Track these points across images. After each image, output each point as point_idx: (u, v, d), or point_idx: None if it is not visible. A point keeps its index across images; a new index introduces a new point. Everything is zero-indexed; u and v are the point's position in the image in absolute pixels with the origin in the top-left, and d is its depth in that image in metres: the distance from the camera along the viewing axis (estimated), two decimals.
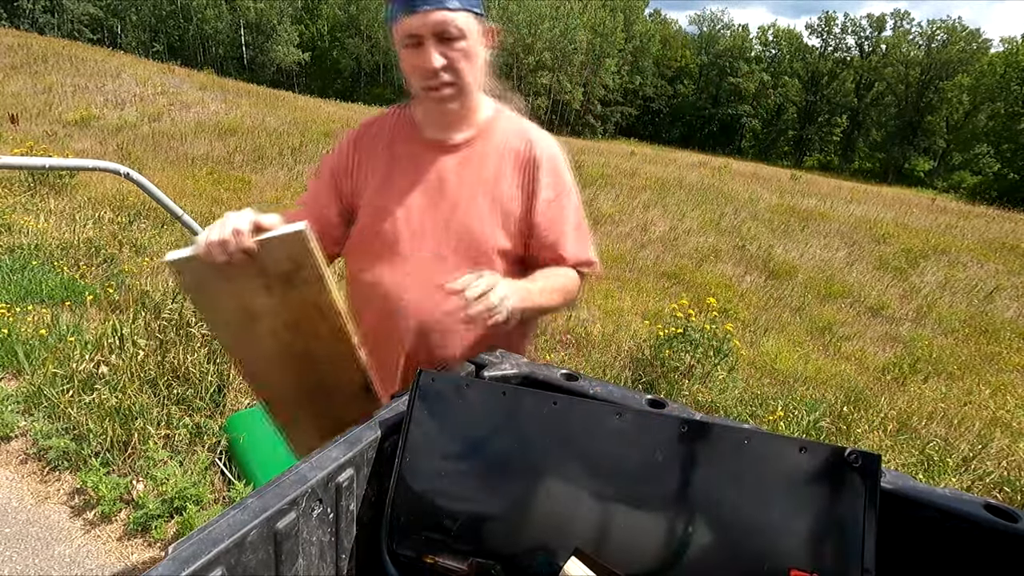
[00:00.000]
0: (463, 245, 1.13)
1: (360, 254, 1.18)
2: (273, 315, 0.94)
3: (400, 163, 1.17)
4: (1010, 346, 6.57)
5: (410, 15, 0.99)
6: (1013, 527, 0.69)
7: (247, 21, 51.51)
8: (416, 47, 1.01)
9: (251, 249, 0.88)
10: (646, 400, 0.93)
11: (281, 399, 1.07)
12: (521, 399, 0.82)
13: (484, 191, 1.14)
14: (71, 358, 2.87)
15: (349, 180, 1.20)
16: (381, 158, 1.18)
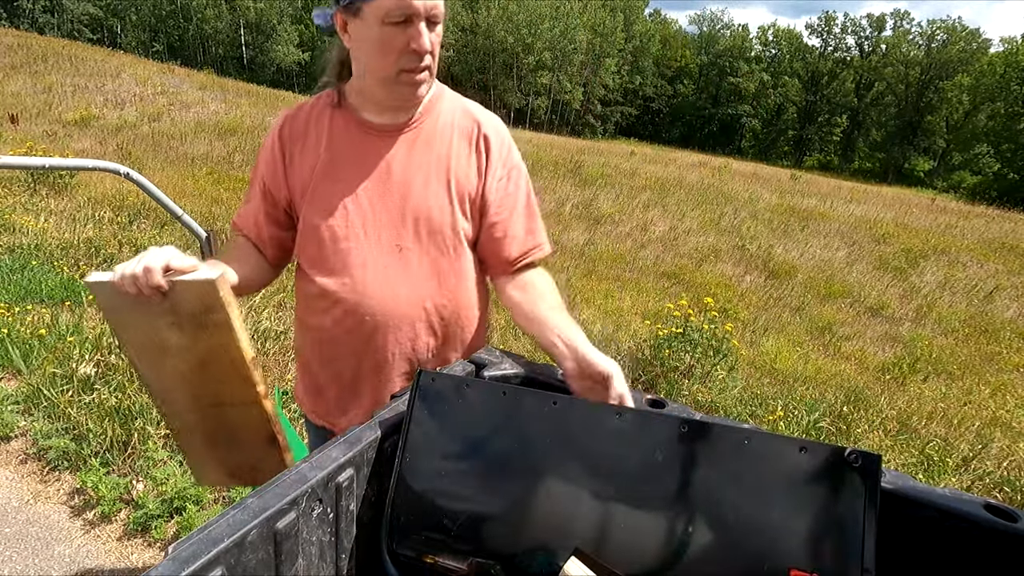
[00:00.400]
0: (424, 232, 1.08)
1: (311, 257, 1.11)
2: (183, 353, 0.94)
3: (341, 154, 1.09)
4: (1010, 346, 6.57)
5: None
6: (1013, 527, 0.69)
7: (247, 21, 51.51)
8: (404, 25, 0.95)
9: (161, 287, 0.87)
10: (646, 400, 0.93)
11: (188, 432, 1.05)
12: (521, 399, 0.82)
13: (437, 171, 1.08)
14: (71, 358, 2.87)
15: (284, 186, 1.12)
16: (316, 152, 1.09)
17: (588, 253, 7.60)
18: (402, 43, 0.97)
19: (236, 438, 1.02)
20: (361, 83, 1.07)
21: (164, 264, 0.87)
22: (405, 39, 0.96)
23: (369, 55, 1.00)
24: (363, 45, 1.00)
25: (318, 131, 1.10)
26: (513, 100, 50.71)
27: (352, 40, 1.02)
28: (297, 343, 1.26)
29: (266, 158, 1.14)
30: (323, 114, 1.11)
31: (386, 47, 0.97)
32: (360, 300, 1.07)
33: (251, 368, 0.94)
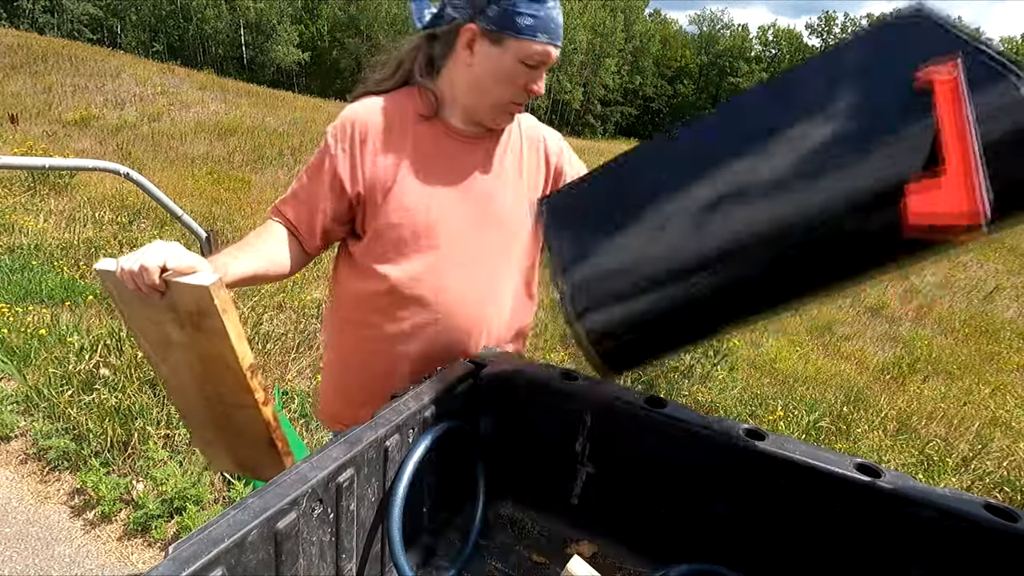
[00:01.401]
0: (501, 237, 1.14)
1: (382, 254, 1.11)
2: (185, 348, 0.94)
3: (426, 155, 1.10)
4: (1010, 346, 6.57)
5: (547, 44, 1.00)
6: (1013, 527, 0.69)
7: (247, 21, 51.50)
8: (532, 69, 1.02)
9: (157, 287, 0.87)
10: (646, 400, 0.93)
11: (195, 420, 1.06)
12: None
13: (515, 180, 1.15)
14: (70, 358, 2.87)
15: (359, 181, 1.08)
16: (400, 151, 1.09)
17: None
18: (524, 82, 1.03)
19: (240, 434, 1.03)
20: (459, 94, 1.08)
21: (161, 264, 0.86)
22: (527, 79, 1.03)
23: (489, 81, 1.03)
24: (486, 69, 1.03)
25: (401, 129, 1.09)
26: None
27: (473, 58, 1.03)
28: (335, 343, 1.24)
29: (341, 150, 1.09)
30: (406, 112, 1.10)
31: (510, 81, 1.02)
32: (435, 299, 1.09)
33: (248, 375, 0.93)
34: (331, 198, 1.10)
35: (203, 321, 0.89)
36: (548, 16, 0.98)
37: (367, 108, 1.11)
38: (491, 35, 0.99)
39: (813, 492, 0.80)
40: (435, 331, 1.11)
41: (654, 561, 0.94)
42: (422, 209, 1.08)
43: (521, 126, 1.19)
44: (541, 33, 0.98)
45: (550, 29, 0.99)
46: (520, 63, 1.00)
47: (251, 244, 1.08)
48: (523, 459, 1.04)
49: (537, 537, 1.02)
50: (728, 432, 0.85)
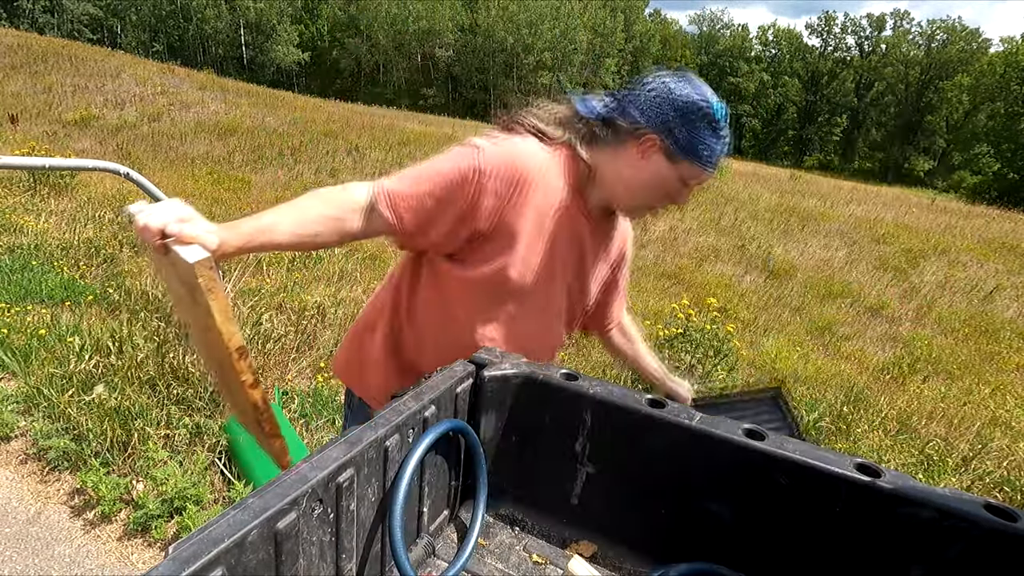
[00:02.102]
0: (573, 308, 1.27)
1: (477, 298, 1.14)
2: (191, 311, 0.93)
3: (559, 226, 1.13)
4: (1010, 346, 6.57)
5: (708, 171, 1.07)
6: (1013, 527, 0.69)
7: (247, 21, 51.50)
8: (687, 188, 1.10)
9: (158, 249, 0.86)
10: (646, 400, 0.93)
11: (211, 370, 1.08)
12: None
13: (607, 266, 1.29)
14: (70, 358, 2.87)
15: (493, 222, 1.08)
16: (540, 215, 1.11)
17: None
18: (672, 195, 1.11)
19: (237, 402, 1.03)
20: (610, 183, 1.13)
21: (161, 227, 0.84)
22: (676, 193, 1.10)
23: (649, 188, 1.10)
24: (651, 178, 1.08)
25: (550, 192, 1.11)
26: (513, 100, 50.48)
27: (643, 163, 1.07)
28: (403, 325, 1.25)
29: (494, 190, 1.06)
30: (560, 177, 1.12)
31: (663, 192, 1.10)
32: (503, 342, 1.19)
33: (235, 357, 0.92)
34: (454, 223, 1.07)
35: (195, 293, 0.87)
36: (721, 150, 1.05)
37: (532, 158, 1.09)
38: (670, 153, 1.05)
39: (813, 492, 0.80)
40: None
41: (654, 561, 0.94)
42: (530, 273, 1.14)
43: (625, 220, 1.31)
44: (712, 164, 1.06)
45: (718, 161, 1.06)
46: (682, 182, 1.08)
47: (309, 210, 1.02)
48: (523, 459, 1.04)
49: (537, 537, 1.02)
50: (728, 432, 0.86)
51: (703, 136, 1.02)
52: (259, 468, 2.33)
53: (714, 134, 1.02)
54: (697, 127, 1.01)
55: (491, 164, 1.05)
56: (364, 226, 1.06)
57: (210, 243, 0.88)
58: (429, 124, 19.48)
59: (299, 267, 5.33)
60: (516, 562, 0.95)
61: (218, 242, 0.90)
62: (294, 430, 2.60)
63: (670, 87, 1.03)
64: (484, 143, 1.09)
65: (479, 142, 1.09)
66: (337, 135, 13.43)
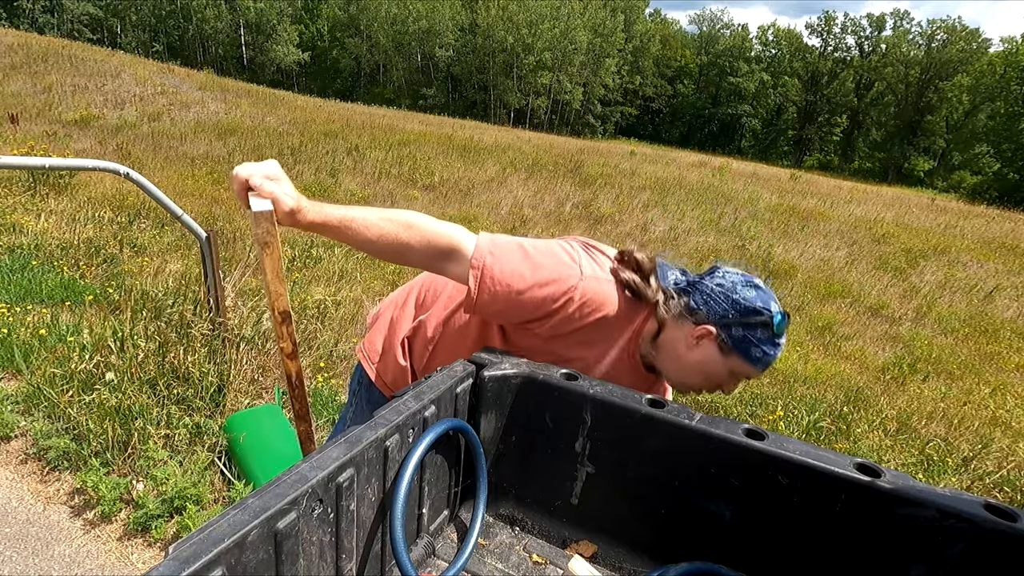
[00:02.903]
0: None
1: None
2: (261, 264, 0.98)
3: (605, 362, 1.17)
4: (1010, 346, 6.57)
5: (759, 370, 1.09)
6: (1013, 527, 0.69)
7: (247, 21, 51.48)
8: (735, 379, 1.12)
9: (242, 197, 0.92)
10: (646, 400, 0.93)
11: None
12: None
13: None
14: (71, 358, 2.86)
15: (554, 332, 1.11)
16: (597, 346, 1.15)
17: None
18: (720, 382, 1.12)
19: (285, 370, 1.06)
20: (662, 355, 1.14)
21: (246, 178, 0.91)
22: (724, 382, 1.12)
23: (697, 371, 1.12)
24: (700, 362, 1.10)
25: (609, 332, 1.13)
26: (513, 100, 50.68)
27: (696, 348, 1.09)
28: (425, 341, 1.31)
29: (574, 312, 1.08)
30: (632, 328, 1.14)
31: (707, 377, 1.12)
32: None
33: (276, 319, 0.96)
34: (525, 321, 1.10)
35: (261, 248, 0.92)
36: (775, 357, 1.08)
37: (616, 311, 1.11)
38: (723, 347, 1.07)
39: (813, 492, 0.80)
40: None
41: (654, 561, 0.94)
42: None
43: None
44: (762, 366, 1.08)
45: (769, 364, 1.09)
46: (731, 373, 1.10)
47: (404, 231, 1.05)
48: (523, 459, 1.04)
49: (537, 537, 1.02)
50: (728, 432, 0.86)
51: (758, 340, 1.05)
52: (259, 468, 2.33)
53: (770, 341, 1.05)
54: (754, 331, 1.05)
55: (584, 297, 1.07)
56: (435, 267, 1.10)
57: (286, 203, 0.93)
58: (429, 124, 19.48)
59: (299, 267, 5.32)
60: (516, 562, 0.95)
61: (294, 207, 0.95)
62: (294, 430, 2.60)
63: (737, 287, 1.07)
64: (587, 266, 1.10)
65: (584, 263, 1.10)
66: (337, 135, 13.43)
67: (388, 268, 5.82)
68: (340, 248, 5.93)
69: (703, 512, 0.89)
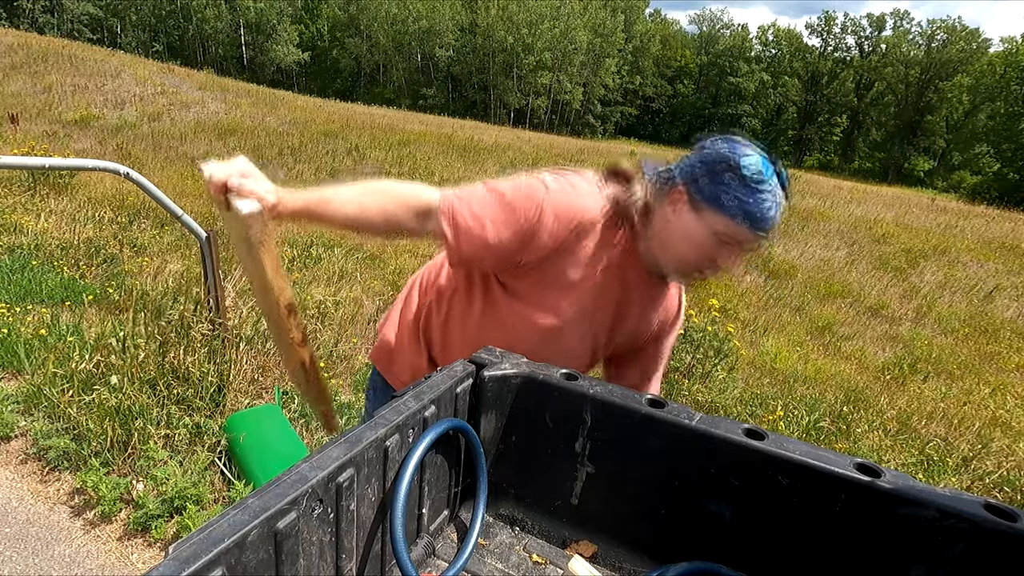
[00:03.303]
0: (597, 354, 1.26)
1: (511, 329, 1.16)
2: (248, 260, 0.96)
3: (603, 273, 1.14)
4: (1010, 346, 6.57)
5: (750, 229, 0.99)
6: (1013, 527, 0.69)
7: (247, 21, 51.49)
8: (725, 246, 1.02)
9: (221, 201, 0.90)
10: (646, 400, 0.93)
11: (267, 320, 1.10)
12: None
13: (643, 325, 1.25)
14: (71, 358, 2.87)
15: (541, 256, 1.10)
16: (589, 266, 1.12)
17: None
18: (713, 256, 1.03)
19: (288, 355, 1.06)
20: (652, 244, 1.10)
21: (224, 180, 0.89)
22: (717, 255, 1.03)
23: (680, 245, 1.05)
24: (679, 229, 1.04)
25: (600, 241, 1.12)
26: (513, 100, 50.69)
27: (673, 216, 1.05)
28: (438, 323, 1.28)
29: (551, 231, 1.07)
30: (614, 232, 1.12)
31: (699, 251, 1.03)
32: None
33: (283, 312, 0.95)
34: (509, 253, 1.09)
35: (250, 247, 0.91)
36: (759, 207, 0.98)
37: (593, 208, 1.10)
38: (693, 201, 1.02)
39: (813, 492, 0.80)
40: None
41: (654, 561, 0.94)
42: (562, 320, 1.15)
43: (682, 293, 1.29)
44: (744, 218, 0.98)
45: (756, 218, 0.99)
46: (714, 235, 1.01)
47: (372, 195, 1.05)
48: (523, 459, 1.04)
49: (537, 537, 1.02)
50: (728, 432, 0.85)
51: (728, 186, 0.98)
52: (259, 468, 2.33)
53: (743, 186, 0.97)
54: (721, 177, 0.99)
55: (556, 205, 1.06)
56: (418, 228, 1.08)
57: (267, 199, 0.92)
58: (429, 124, 19.48)
59: (299, 267, 5.32)
60: (516, 562, 0.95)
61: (275, 200, 0.94)
62: (294, 430, 2.60)
63: (707, 144, 1.03)
64: (552, 182, 1.09)
65: (548, 180, 1.09)
66: (337, 135, 13.43)
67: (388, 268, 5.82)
68: (340, 248, 5.94)
69: (703, 512, 0.89)
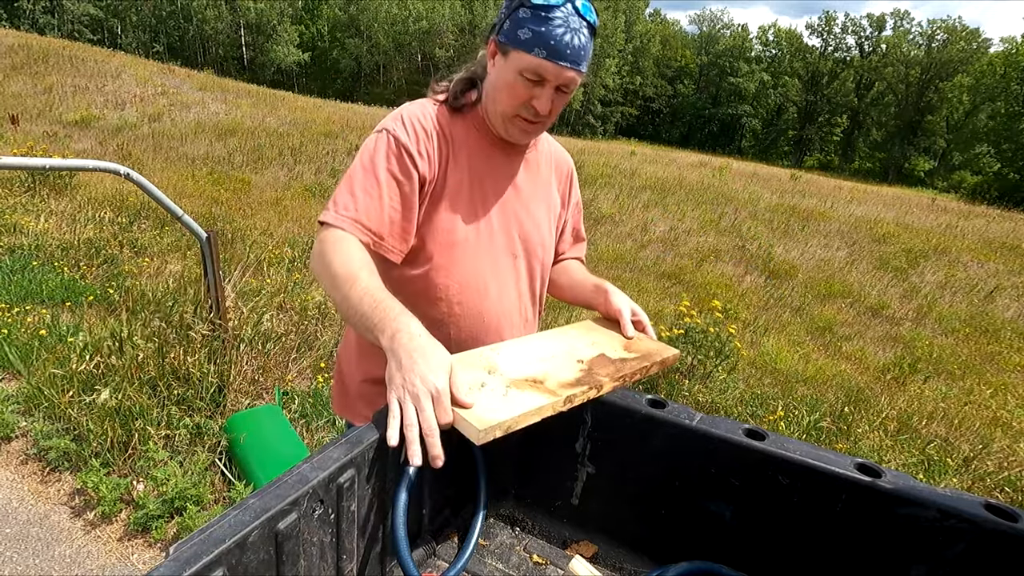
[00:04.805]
0: (530, 246, 1.22)
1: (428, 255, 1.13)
2: None
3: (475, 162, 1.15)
4: (1010, 346, 6.57)
5: (551, 60, 1.00)
6: (1013, 527, 0.69)
7: (247, 21, 51.50)
8: (534, 84, 1.04)
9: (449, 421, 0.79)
10: (646, 400, 0.93)
11: None
12: None
13: (544, 196, 1.26)
14: (71, 359, 2.87)
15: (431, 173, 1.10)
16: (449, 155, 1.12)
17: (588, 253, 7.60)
18: (525, 96, 1.05)
19: None
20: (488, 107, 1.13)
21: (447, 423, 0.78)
22: (529, 95, 1.05)
23: (497, 91, 1.08)
24: (495, 78, 1.08)
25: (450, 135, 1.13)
26: None
27: (492, 70, 1.09)
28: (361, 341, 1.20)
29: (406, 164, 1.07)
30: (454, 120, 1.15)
31: (512, 93, 1.06)
32: (475, 299, 1.15)
33: None
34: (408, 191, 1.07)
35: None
36: (552, 34, 0.99)
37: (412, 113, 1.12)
38: (501, 47, 1.05)
39: (813, 492, 0.80)
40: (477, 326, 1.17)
41: (654, 561, 0.94)
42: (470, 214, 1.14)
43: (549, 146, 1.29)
44: (540, 48, 0.99)
45: (551, 47, 0.99)
46: (519, 75, 1.03)
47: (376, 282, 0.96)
48: (523, 459, 1.04)
49: (538, 537, 1.02)
50: (728, 432, 0.85)
51: (522, 22, 1.00)
52: (259, 468, 2.33)
53: (534, 18, 0.98)
54: (516, 14, 1.01)
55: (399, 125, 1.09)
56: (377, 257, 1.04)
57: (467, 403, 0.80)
58: None
59: (299, 267, 5.32)
60: (516, 562, 0.95)
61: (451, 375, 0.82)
62: (294, 431, 2.60)
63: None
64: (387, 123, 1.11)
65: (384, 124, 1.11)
66: (337, 135, 13.43)
67: None
68: None
69: (703, 512, 0.89)
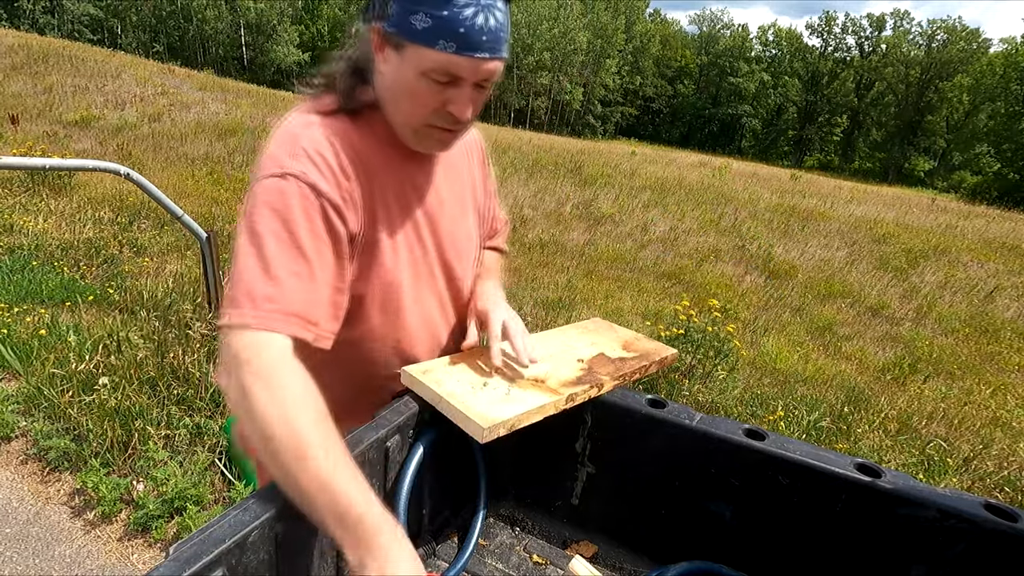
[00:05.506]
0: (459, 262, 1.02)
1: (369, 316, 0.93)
2: None
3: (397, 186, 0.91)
4: (1010, 346, 6.56)
5: (462, 54, 0.76)
6: (1013, 527, 0.69)
7: (247, 21, 51.51)
8: (445, 86, 0.79)
9: None
10: (646, 400, 0.93)
11: None
12: None
13: (469, 197, 1.05)
14: (70, 359, 2.87)
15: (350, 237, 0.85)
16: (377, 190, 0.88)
17: (588, 253, 7.60)
18: (435, 103, 0.81)
19: None
20: (388, 112, 0.88)
21: None
22: (441, 100, 0.81)
23: (397, 98, 0.84)
24: (391, 81, 0.83)
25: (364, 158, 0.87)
26: (513, 100, 50.71)
27: (383, 67, 0.83)
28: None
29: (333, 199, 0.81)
30: (360, 134, 0.87)
31: (417, 101, 0.81)
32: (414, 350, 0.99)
33: None
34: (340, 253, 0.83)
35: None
36: (458, 19, 0.74)
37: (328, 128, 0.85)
38: (391, 39, 0.79)
39: (813, 492, 0.80)
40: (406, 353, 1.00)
41: (654, 561, 0.94)
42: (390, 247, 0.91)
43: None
44: (446, 40, 0.75)
45: (461, 36, 0.75)
46: (423, 77, 0.78)
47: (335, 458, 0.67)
48: (523, 459, 1.04)
49: (538, 537, 1.02)
50: (728, 432, 0.86)
51: (415, 4, 0.75)
52: None
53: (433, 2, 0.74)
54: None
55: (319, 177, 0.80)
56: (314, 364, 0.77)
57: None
58: None
59: None
60: (516, 562, 0.95)
61: None
62: None
63: None
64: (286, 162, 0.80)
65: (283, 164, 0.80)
66: None
67: None
68: None
69: (703, 512, 0.89)
